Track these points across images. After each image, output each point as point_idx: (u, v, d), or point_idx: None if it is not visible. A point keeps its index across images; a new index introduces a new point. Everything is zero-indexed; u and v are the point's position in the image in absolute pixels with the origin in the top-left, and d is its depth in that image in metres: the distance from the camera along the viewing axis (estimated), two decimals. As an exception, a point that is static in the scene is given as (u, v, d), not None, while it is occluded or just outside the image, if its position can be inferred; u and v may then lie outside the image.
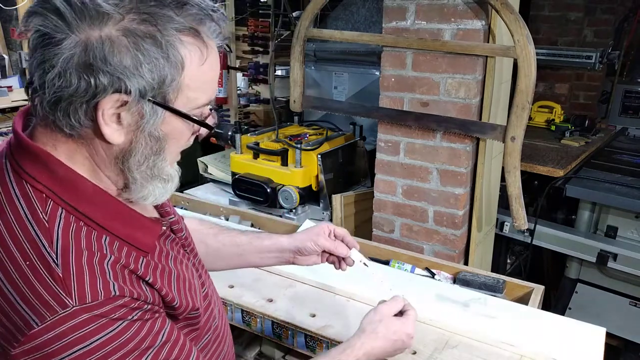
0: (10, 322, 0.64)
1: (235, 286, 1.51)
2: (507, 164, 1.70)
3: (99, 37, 0.64)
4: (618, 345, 2.43)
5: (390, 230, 2.02)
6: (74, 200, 0.69)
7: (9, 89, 3.68)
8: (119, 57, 0.64)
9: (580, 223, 2.49)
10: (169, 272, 0.77)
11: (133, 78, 0.65)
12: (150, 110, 0.68)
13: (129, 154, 0.70)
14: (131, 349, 0.67)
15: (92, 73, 0.63)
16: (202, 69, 0.70)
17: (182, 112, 0.71)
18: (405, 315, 1.03)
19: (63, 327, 0.63)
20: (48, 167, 0.68)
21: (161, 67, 0.66)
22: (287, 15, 2.64)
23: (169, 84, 0.67)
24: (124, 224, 0.72)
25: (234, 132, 2.43)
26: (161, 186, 0.75)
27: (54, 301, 0.63)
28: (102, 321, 0.64)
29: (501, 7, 1.57)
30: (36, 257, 0.64)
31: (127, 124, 0.68)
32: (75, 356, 0.63)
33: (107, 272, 0.67)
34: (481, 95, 1.77)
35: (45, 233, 0.66)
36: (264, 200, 2.18)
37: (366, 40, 1.94)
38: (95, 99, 0.65)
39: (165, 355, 0.71)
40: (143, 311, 0.69)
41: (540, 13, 3.89)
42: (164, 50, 0.66)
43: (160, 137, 0.71)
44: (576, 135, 3.16)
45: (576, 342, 1.28)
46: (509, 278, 1.59)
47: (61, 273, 0.64)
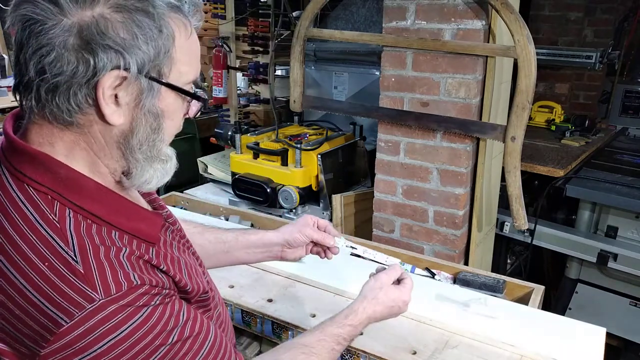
0: (37, 324, 0.64)
1: (235, 286, 1.51)
2: (507, 164, 1.70)
3: (91, 17, 0.64)
4: (618, 345, 2.42)
5: (390, 230, 2.02)
6: (78, 200, 0.69)
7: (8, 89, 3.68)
8: (115, 31, 0.65)
9: (581, 223, 2.49)
10: (177, 259, 0.79)
11: (131, 51, 0.66)
12: (147, 86, 0.69)
13: (130, 134, 0.71)
14: (159, 331, 0.69)
15: (91, 51, 0.64)
16: (188, 42, 0.73)
17: (176, 86, 0.72)
18: (403, 283, 1.07)
19: (92, 321, 0.64)
20: (49, 168, 0.69)
21: (156, 39, 0.67)
22: (287, 15, 2.64)
23: (163, 57, 0.69)
24: (128, 218, 0.74)
25: (234, 132, 2.43)
26: (161, 168, 0.77)
27: (80, 297, 0.64)
28: (128, 310, 0.66)
29: (501, 7, 1.57)
30: (54, 257, 0.65)
31: (126, 103, 0.69)
32: (105, 348, 0.65)
33: (124, 264, 0.68)
34: (481, 95, 1.77)
35: (59, 233, 0.66)
36: (264, 200, 2.18)
37: (366, 40, 1.94)
38: (96, 77, 0.65)
39: (189, 332, 0.73)
40: (162, 296, 0.71)
41: (540, 13, 3.89)
42: (156, 22, 0.67)
43: (159, 113, 0.72)
44: (576, 135, 3.16)
45: (576, 342, 1.28)
46: (509, 278, 1.59)
47: (82, 269, 0.65)
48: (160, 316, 0.70)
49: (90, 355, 0.65)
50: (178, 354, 0.72)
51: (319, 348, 0.93)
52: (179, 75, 0.73)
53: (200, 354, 0.75)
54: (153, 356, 0.69)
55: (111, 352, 0.65)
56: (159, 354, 0.69)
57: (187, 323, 0.74)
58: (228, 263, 1.23)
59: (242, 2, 2.83)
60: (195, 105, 0.80)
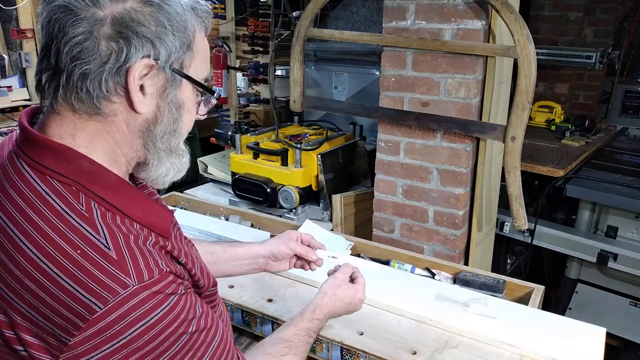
0: (70, 312, 0.65)
1: (235, 286, 1.51)
2: (507, 164, 1.70)
3: (123, 9, 0.68)
4: (618, 345, 2.42)
5: (390, 230, 2.02)
6: (100, 191, 0.71)
7: (8, 89, 3.68)
8: (146, 23, 0.69)
9: (581, 223, 2.49)
10: (188, 254, 0.82)
11: (161, 41, 0.70)
12: (171, 77, 0.73)
13: (153, 124, 0.75)
14: (182, 319, 0.72)
15: (125, 39, 0.68)
16: (203, 42, 0.78)
17: (195, 79, 0.77)
18: (357, 282, 1.18)
19: (126, 307, 0.65)
20: (71, 160, 0.70)
21: (181, 33, 0.72)
22: (287, 15, 2.64)
23: (186, 50, 0.74)
24: (144, 212, 0.76)
25: (234, 132, 2.43)
26: (177, 162, 0.80)
27: (114, 283, 0.66)
28: (159, 297, 0.69)
29: (501, 7, 1.57)
30: (86, 245, 0.67)
31: (151, 92, 0.72)
32: (136, 334, 0.66)
33: (153, 252, 0.72)
34: (481, 95, 1.77)
35: (88, 222, 0.68)
36: (264, 200, 2.18)
37: (366, 40, 1.94)
38: (127, 64, 0.68)
39: (204, 324, 0.76)
40: (184, 286, 0.75)
41: (540, 13, 3.89)
42: (181, 17, 0.72)
43: (180, 104, 0.76)
44: (576, 135, 3.16)
45: (576, 342, 1.28)
46: (509, 278, 1.59)
47: (115, 256, 0.67)
48: (184, 305, 0.72)
49: (120, 342, 0.66)
50: (195, 344, 0.74)
51: (296, 342, 1.00)
52: (196, 71, 0.77)
53: (212, 347, 0.78)
54: (176, 344, 0.71)
55: (140, 339, 0.67)
56: (181, 342, 0.72)
57: (203, 315, 0.77)
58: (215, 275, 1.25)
59: (242, 2, 2.84)
60: (206, 104, 0.84)
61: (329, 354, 1.28)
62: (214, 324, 0.80)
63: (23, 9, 3.71)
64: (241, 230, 1.91)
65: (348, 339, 1.27)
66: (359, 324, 1.33)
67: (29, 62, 3.81)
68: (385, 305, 1.41)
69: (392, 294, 1.46)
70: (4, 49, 3.76)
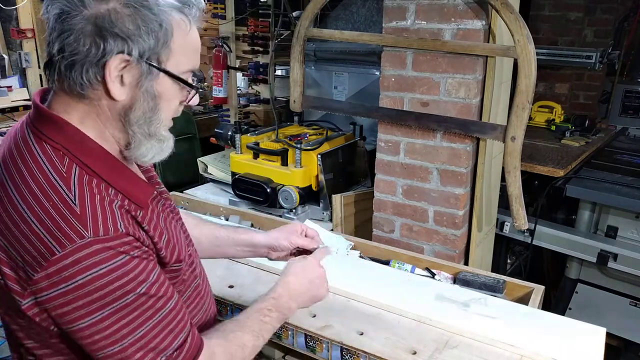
0: (35, 250, 0.77)
1: (235, 286, 1.51)
2: (507, 164, 1.70)
3: (106, 10, 0.79)
4: (618, 345, 2.42)
5: (390, 230, 2.02)
6: (84, 158, 0.83)
7: (8, 89, 3.68)
8: (123, 23, 0.79)
9: (581, 223, 2.49)
10: (160, 228, 0.91)
11: (134, 39, 0.80)
12: (147, 70, 0.83)
13: (130, 110, 0.85)
14: (131, 278, 0.81)
15: (102, 37, 0.79)
16: (186, 39, 0.86)
17: (172, 73, 0.86)
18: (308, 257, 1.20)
19: (80, 254, 0.77)
20: (64, 130, 0.84)
21: (156, 31, 0.81)
22: (287, 15, 2.64)
23: (161, 47, 0.83)
24: (125, 181, 0.87)
25: (234, 132, 2.43)
26: (157, 145, 0.90)
27: (72, 232, 0.77)
28: (110, 252, 0.79)
29: (501, 7, 1.57)
30: (57, 198, 0.79)
31: (129, 83, 0.83)
32: (86, 280, 0.77)
33: (115, 213, 0.82)
34: (481, 95, 1.77)
35: (64, 181, 0.80)
36: (264, 200, 2.18)
37: (366, 40, 1.94)
38: (104, 58, 0.79)
39: (155, 290, 0.85)
40: (142, 251, 0.84)
41: (540, 13, 3.89)
42: (158, 17, 0.81)
43: (155, 95, 0.85)
44: (576, 135, 3.16)
45: (576, 342, 1.28)
46: (509, 278, 1.59)
47: (79, 210, 0.79)
48: (135, 266, 0.82)
49: (72, 284, 0.77)
50: (142, 305, 0.83)
51: (247, 320, 1.04)
52: (176, 65, 0.86)
53: (159, 315, 0.86)
54: (122, 299, 0.80)
55: (89, 285, 0.77)
56: (127, 299, 0.81)
57: (156, 283, 0.85)
58: (217, 256, 1.36)
59: (242, 2, 2.83)
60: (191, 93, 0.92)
61: (329, 354, 1.28)
62: (168, 296, 0.87)
63: (23, 9, 3.70)
64: (241, 230, 1.91)
65: (348, 339, 1.27)
66: (359, 324, 1.33)
67: (29, 62, 3.81)
68: (385, 305, 1.41)
69: (392, 294, 1.46)
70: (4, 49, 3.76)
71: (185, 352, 0.89)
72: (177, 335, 0.88)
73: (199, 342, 0.93)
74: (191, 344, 0.90)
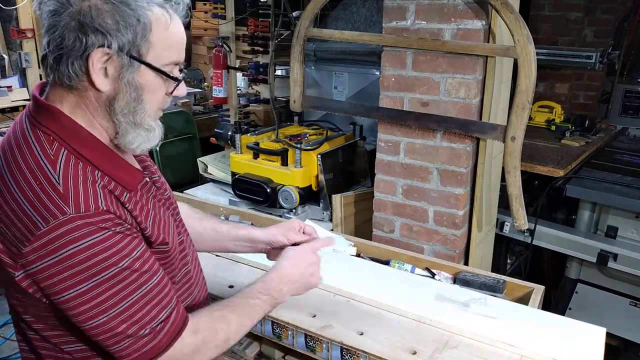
0: (23, 226, 0.84)
1: (235, 286, 1.51)
2: (507, 164, 1.70)
3: (87, 6, 0.85)
4: (618, 345, 2.42)
5: (390, 230, 2.02)
6: (74, 143, 0.89)
7: (8, 89, 3.68)
8: (103, 18, 0.85)
9: (581, 223, 2.49)
10: (147, 210, 0.96)
11: (113, 34, 0.85)
12: (128, 63, 0.88)
13: (114, 100, 0.91)
14: (112, 252, 0.86)
15: (83, 32, 0.85)
16: (167, 32, 0.91)
17: (152, 64, 0.90)
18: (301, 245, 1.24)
19: (62, 229, 0.83)
20: (56, 118, 0.90)
21: (134, 26, 0.86)
22: (287, 15, 2.64)
23: (140, 40, 0.87)
24: (112, 166, 0.93)
25: (234, 132, 2.43)
26: (144, 134, 0.95)
27: (55, 209, 0.83)
28: (92, 228, 0.85)
29: (501, 7, 1.57)
30: (44, 178, 0.85)
31: (111, 74, 0.88)
32: (69, 253, 0.83)
33: (98, 192, 0.88)
34: (481, 95, 1.77)
35: (51, 162, 0.87)
36: (264, 200, 2.18)
37: (366, 40, 1.94)
38: (86, 52, 0.85)
39: (139, 265, 0.90)
40: (124, 227, 0.89)
41: (540, 13, 3.89)
42: (135, 13, 0.86)
43: (137, 86, 0.90)
44: (576, 135, 3.16)
45: (576, 342, 1.28)
46: (509, 278, 1.59)
47: (62, 189, 0.85)
48: (118, 241, 0.87)
49: (56, 257, 0.83)
50: (125, 280, 0.88)
51: (235, 301, 1.08)
52: (157, 57, 0.91)
53: (143, 289, 0.90)
54: (105, 272, 0.86)
55: (72, 258, 0.83)
56: (109, 272, 0.86)
57: (140, 259, 0.90)
58: (218, 250, 1.43)
59: (242, 2, 2.84)
60: (181, 86, 0.97)
61: (329, 354, 1.28)
62: (152, 271, 0.92)
63: (23, 9, 3.70)
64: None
65: (348, 339, 1.27)
66: (359, 324, 1.33)
67: (29, 62, 3.81)
68: (385, 305, 1.41)
69: (392, 294, 1.46)
70: (4, 49, 3.76)
71: (169, 325, 0.93)
72: (162, 310, 0.93)
73: (184, 317, 0.97)
74: (176, 318, 0.95)
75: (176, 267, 1.06)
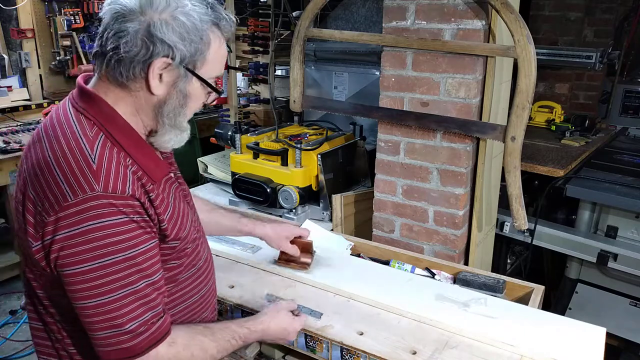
0: (53, 196, 0.90)
1: (235, 286, 1.51)
2: (507, 164, 1.70)
3: (158, 19, 0.93)
4: (618, 345, 2.42)
5: (390, 230, 2.02)
6: (111, 129, 0.97)
7: (8, 89, 3.68)
8: (171, 32, 0.93)
9: (581, 223, 2.49)
10: (166, 203, 1.03)
11: (178, 47, 0.94)
12: (183, 74, 0.98)
13: (164, 104, 1.00)
14: (123, 239, 0.92)
15: (152, 42, 0.93)
16: (219, 50, 1.02)
17: (203, 78, 1.00)
18: (298, 317, 1.29)
19: (87, 204, 0.89)
20: (98, 105, 0.98)
21: (197, 43, 0.96)
22: (287, 15, 2.64)
23: (198, 56, 0.97)
24: (143, 156, 0.99)
25: (234, 132, 2.43)
26: (179, 135, 1.05)
27: (86, 184, 0.90)
28: (112, 209, 0.91)
29: (501, 7, 1.57)
30: (80, 155, 0.92)
31: (167, 82, 0.97)
32: (86, 229, 0.89)
33: (128, 177, 0.94)
34: (481, 95, 1.77)
35: (89, 142, 0.94)
36: (264, 200, 2.18)
37: (366, 40, 1.94)
38: (151, 59, 0.94)
39: (141, 260, 0.95)
40: (142, 219, 0.95)
41: (540, 13, 3.89)
42: (199, 31, 0.96)
43: (186, 94, 1.00)
44: (576, 135, 3.16)
45: (576, 342, 1.28)
46: (509, 278, 1.59)
47: (95, 167, 0.91)
48: (131, 230, 0.93)
49: (74, 230, 0.89)
50: (126, 269, 0.93)
51: (219, 333, 1.12)
52: (207, 71, 1.01)
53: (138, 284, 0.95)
54: (111, 256, 0.91)
55: (87, 234, 0.89)
56: (115, 257, 0.91)
57: (145, 254, 0.95)
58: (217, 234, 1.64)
59: (242, 2, 2.83)
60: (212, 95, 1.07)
61: (329, 354, 1.28)
62: (151, 271, 0.97)
63: (23, 9, 3.70)
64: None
65: (348, 339, 1.27)
66: (359, 324, 1.33)
67: (29, 62, 3.81)
68: (385, 305, 1.41)
69: (392, 294, 1.47)
70: (4, 49, 3.76)
71: (151, 332, 0.97)
72: (148, 311, 0.96)
73: (167, 329, 1.01)
74: (160, 326, 0.98)
75: (189, 266, 1.13)
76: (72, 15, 3.87)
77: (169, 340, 1.00)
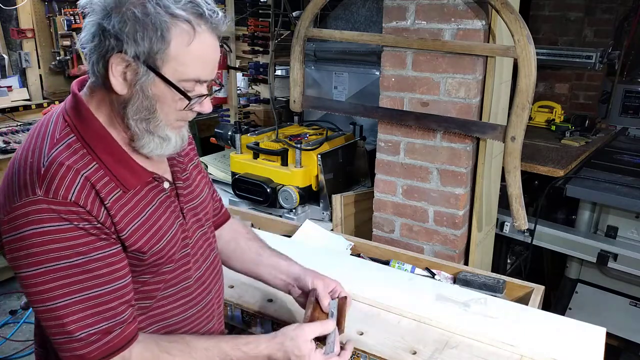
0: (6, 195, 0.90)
1: (235, 286, 1.51)
2: (507, 164, 1.70)
3: (117, 13, 0.88)
4: (618, 345, 2.42)
5: (390, 230, 2.02)
6: (84, 133, 0.93)
7: (8, 89, 3.68)
8: (124, 26, 0.87)
9: (581, 223, 2.49)
10: (136, 212, 0.96)
11: (130, 42, 0.88)
12: (144, 72, 0.90)
13: (127, 103, 0.93)
14: (68, 246, 0.88)
15: (106, 36, 0.89)
16: (188, 48, 0.90)
17: (167, 78, 0.91)
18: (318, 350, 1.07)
19: (28, 208, 0.87)
20: (77, 107, 0.96)
21: (151, 37, 0.88)
22: (287, 15, 2.64)
23: (155, 53, 0.89)
24: (116, 161, 0.95)
25: (234, 132, 2.43)
26: (158, 142, 0.97)
27: (31, 187, 0.87)
28: (53, 215, 0.87)
29: (501, 7, 1.57)
30: (37, 157, 0.90)
31: (129, 79, 0.91)
32: (27, 233, 0.87)
33: (76, 182, 0.89)
34: (481, 95, 1.77)
35: (50, 145, 0.91)
36: (264, 200, 2.18)
37: (366, 40, 1.94)
38: (108, 54, 0.89)
39: (93, 267, 0.90)
40: (92, 225, 0.90)
41: (540, 13, 3.89)
42: (155, 25, 0.88)
43: (150, 95, 0.92)
44: (576, 135, 3.15)
45: (576, 342, 1.28)
46: (509, 278, 1.59)
47: (43, 171, 0.88)
48: (77, 237, 0.88)
49: (18, 234, 0.87)
50: (73, 277, 0.89)
51: (199, 355, 0.99)
52: (174, 72, 0.91)
53: (89, 292, 0.90)
54: (54, 262, 0.87)
55: (29, 239, 0.87)
56: (59, 264, 0.88)
57: (98, 262, 0.90)
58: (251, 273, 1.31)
59: (242, 2, 2.83)
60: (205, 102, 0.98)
61: (329, 354, 1.28)
62: (108, 279, 0.91)
63: (23, 9, 3.70)
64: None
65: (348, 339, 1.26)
66: (359, 324, 1.33)
67: (29, 62, 3.81)
68: (385, 305, 1.41)
69: (392, 294, 1.46)
70: (4, 49, 3.75)
71: (105, 342, 0.91)
72: (102, 321, 0.91)
73: (127, 340, 0.93)
74: (117, 336, 0.92)
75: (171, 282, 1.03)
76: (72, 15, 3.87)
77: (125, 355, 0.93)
